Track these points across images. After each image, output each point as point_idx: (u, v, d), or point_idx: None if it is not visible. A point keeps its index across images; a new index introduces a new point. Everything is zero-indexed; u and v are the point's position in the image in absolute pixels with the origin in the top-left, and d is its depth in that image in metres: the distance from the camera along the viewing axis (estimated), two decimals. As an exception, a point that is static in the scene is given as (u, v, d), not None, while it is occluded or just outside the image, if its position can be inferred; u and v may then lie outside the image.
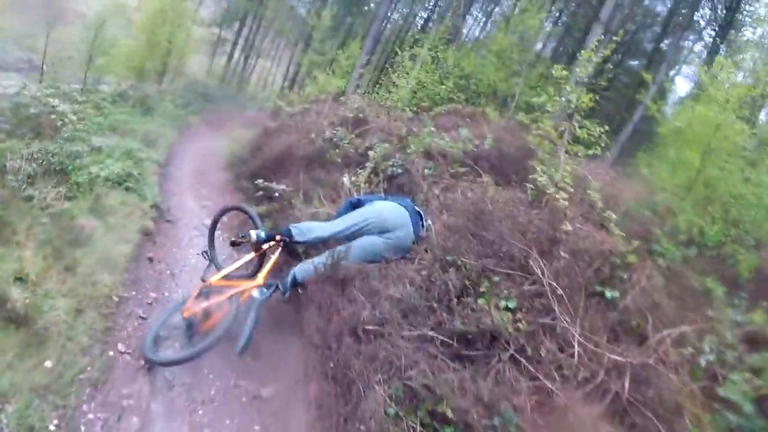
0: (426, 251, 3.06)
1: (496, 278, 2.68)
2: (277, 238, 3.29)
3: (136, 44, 11.80)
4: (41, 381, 2.57)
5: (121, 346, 3.10)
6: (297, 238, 3.27)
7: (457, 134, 5.38)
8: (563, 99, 4.17)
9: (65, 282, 3.28)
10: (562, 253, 2.68)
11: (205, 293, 3.25)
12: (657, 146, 7.95)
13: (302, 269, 3.18)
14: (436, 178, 4.40)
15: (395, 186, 4.38)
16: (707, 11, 14.30)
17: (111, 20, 11.02)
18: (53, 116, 5.02)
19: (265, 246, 3.36)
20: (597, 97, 4.34)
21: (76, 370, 2.74)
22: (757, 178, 4.90)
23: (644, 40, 16.06)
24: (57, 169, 4.56)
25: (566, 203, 3.13)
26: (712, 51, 12.60)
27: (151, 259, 4.18)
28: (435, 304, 2.61)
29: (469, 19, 17.10)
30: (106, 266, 3.62)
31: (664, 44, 15.28)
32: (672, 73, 14.72)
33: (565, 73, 4.33)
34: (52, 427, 2.39)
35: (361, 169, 4.63)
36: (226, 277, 3.35)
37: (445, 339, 2.50)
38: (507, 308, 2.58)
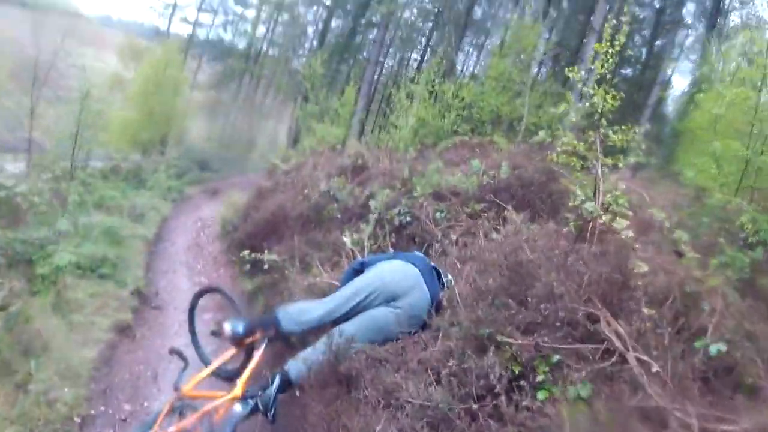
0: (452, 325, 2.29)
1: (556, 357, 1.91)
2: (258, 334, 2.57)
3: (130, 115, 11.61)
4: None
5: (82, 486, 2.40)
6: (287, 327, 2.53)
7: (468, 168, 4.75)
8: (586, 103, 3.49)
9: (14, 404, 2.70)
10: (645, 310, 1.92)
11: (178, 408, 2.52)
12: (690, 143, 7.31)
13: (296, 367, 2.42)
14: (451, 221, 3.71)
15: (405, 238, 3.70)
16: (692, 5, 14.84)
17: (106, 93, 10.88)
18: (19, 199, 4.52)
19: (249, 339, 2.64)
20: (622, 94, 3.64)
21: None
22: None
23: (635, 46, 15.94)
24: (23, 259, 4.02)
25: (630, 233, 2.39)
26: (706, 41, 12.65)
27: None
28: (474, 406, 1.84)
29: (461, 55, 17.25)
30: (67, 378, 3.02)
31: (656, 46, 15.52)
32: (668, 71, 14.93)
33: (581, 73, 3.67)
34: None
35: (363, 223, 3.96)
36: (210, 376, 2.64)
37: (498, 457, 1.73)
38: (579, 397, 1.82)
